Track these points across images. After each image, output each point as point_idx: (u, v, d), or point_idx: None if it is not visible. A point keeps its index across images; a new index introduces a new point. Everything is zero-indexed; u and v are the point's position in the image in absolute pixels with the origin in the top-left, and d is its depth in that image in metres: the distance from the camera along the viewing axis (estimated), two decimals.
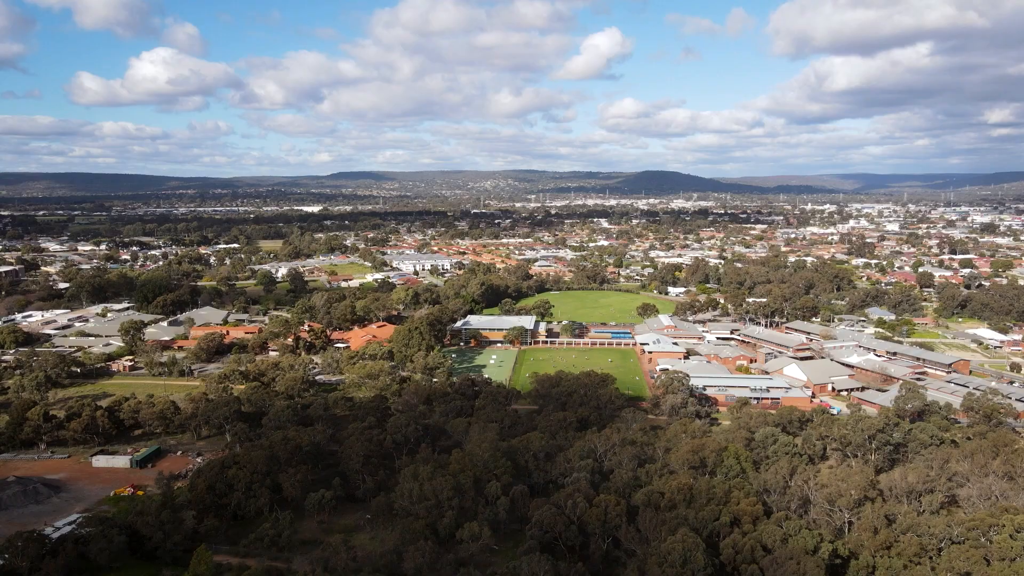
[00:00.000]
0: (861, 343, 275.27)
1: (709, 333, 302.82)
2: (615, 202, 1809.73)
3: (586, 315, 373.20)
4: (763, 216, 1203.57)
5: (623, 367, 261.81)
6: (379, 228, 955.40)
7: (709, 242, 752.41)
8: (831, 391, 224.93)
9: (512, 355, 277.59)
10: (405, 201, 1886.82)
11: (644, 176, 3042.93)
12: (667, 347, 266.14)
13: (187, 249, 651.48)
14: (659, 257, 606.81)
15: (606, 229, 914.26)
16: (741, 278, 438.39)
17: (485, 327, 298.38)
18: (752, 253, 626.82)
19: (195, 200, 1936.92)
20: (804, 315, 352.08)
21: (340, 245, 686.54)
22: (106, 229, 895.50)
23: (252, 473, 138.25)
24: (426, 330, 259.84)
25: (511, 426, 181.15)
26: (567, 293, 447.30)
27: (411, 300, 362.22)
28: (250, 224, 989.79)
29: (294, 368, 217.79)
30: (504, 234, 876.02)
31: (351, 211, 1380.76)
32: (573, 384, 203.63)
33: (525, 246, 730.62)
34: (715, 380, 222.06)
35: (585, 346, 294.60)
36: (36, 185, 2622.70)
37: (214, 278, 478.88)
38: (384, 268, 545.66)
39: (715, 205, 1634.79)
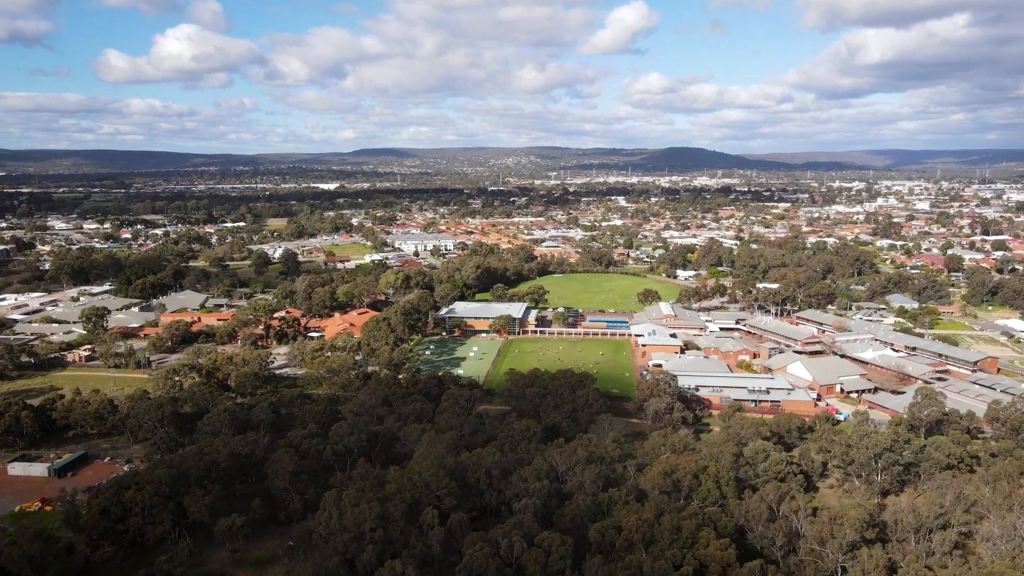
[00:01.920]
0: (877, 336, 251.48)
1: (712, 323, 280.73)
2: (636, 180, 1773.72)
3: (586, 301, 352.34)
4: (787, 194, 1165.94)
5: (614, 361, 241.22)
6: (391, 206, 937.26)
7: (728, 221, 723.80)
8: (839, 393, 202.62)
9: (496, 346, 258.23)
10: (425, 178, 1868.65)
11: (669, 153, 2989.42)
12: (663, 339, 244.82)
13: (186, 228, 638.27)
14: (673, 238, 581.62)
15: (622, 208, 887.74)
16: (755, 261, 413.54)
17: (471, 315, 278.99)
18: (771, 234, 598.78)
19: (215, 177, 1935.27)
20: (819, 302, 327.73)
21: (346, 224, 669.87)
22: (114, 207, 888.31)
23: (153, 495, 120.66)
24: (399, 320, 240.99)
25: (472, 433, 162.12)
26: (571, 276, 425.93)
27: (401, 284, 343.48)
28: (262, 202, 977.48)
29: (247, 363, 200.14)
30: (517, 212, 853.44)
31: (367, 189, 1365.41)
32: (548, 384, 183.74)
33: (536, 225, 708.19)
34: (709, 379, 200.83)
35: (577, 336, 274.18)
36: (63, 162, 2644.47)
37: (209, 259, 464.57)
38: (384, 248, 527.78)
39: (739, 183, 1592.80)
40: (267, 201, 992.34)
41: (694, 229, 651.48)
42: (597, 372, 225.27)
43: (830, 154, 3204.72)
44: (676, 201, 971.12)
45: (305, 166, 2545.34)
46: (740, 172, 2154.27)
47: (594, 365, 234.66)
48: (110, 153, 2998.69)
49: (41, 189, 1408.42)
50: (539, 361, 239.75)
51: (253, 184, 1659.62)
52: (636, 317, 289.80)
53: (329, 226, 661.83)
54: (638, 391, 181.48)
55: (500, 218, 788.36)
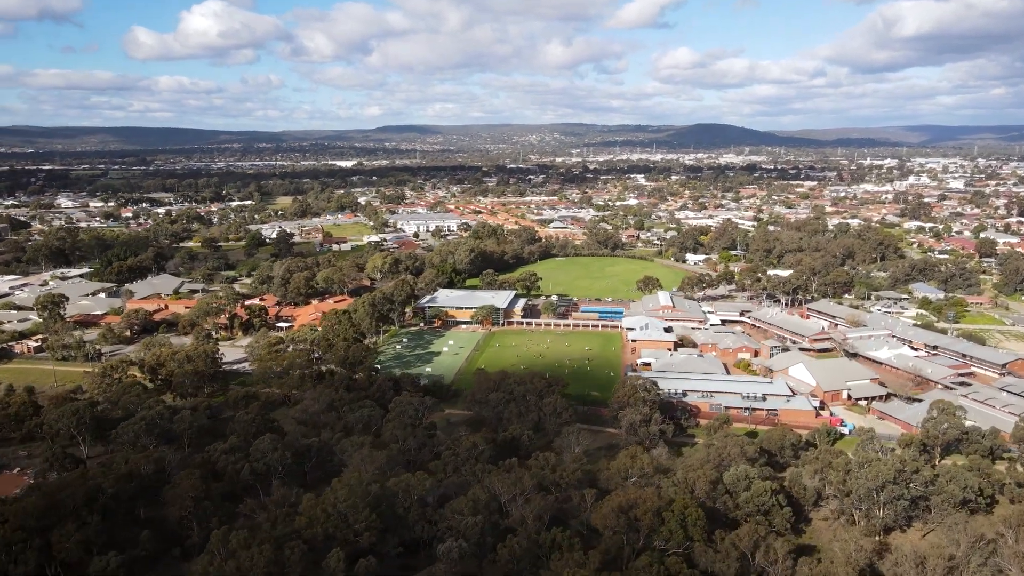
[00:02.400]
0: (895, 332, 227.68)
1: (715, 314, 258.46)
2: (660, 157, 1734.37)
3: (585, 287, 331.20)
4: (815, 172, 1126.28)
5: (601, 357, 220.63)
6: (404, 184, 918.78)
7: (748, 201, 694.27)
8: (846, 400, 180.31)
9: (476, 340, 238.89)
10: (446, 156, 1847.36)
11: (696, 129, 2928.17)
12: (655, 334, 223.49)
13: (187, 207, 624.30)
14: (688, 219, 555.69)
15: (640, 186, 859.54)
16: (770, 245, 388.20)
17: (453, 305, 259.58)
18: (792, 214, 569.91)
19: (236, 154, 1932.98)
20: (835, 291, 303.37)
21: (352, 203, 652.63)
22: (127, 185, 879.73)
23: (16, 529, 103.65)
24: (365, 312, 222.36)
25: (419, 448, 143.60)
26: (573, 260, 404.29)
27: (389, 269, 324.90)
28: (275, 179, 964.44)
29: (191, 359, 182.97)
30: (532, 191, 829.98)
31: (383, 166, 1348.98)
32: (514, 389, 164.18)
33: (548, 205, 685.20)
34: (699, 383, 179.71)
35: (566, 328, 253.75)
36: (91, 139, 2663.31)
37: (202, 239, 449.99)
38: (386, 229, 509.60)
39: (766, 160, 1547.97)
40: (280, 179, 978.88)
41: (712, 209, 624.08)
42: (580, 371, 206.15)
43: (863, 130, 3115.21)
44: (697, 179, 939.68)
45: (328, 143, 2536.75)
46: (768, 149, 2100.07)
47: (578, 362, 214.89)
48: (139, 130, 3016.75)
49: (63, 166, 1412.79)
50: (518, 357, 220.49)
51: (273, 161, 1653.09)
52: (632, 307, 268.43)
53: (334, 205, 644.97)
54: (614, 398, 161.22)
55: (513, 197, 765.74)
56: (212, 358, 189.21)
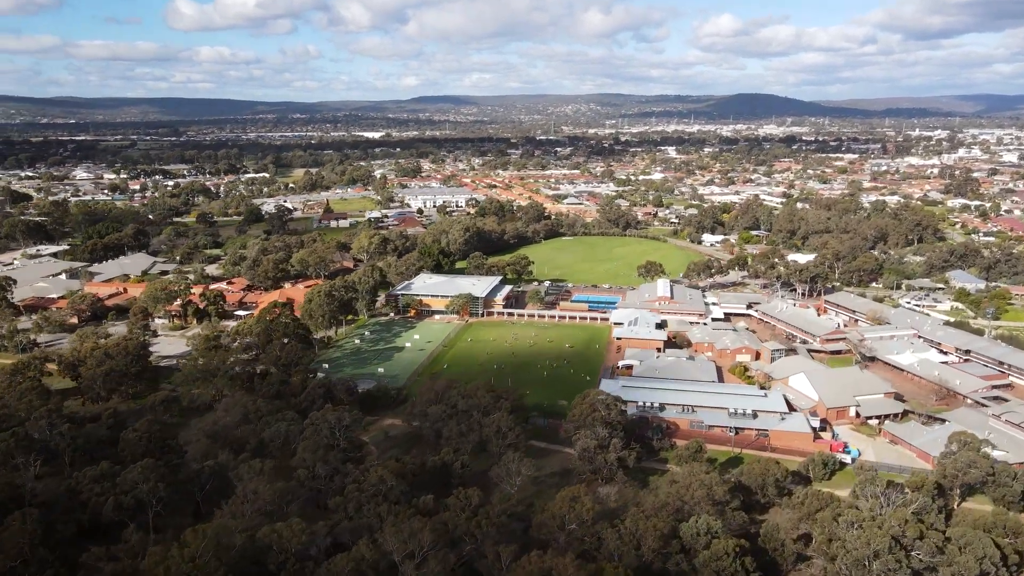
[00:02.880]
0: (922, 332, 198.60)
1: (719, 306, 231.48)
2: (697, 128, 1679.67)
3: (586, 271, 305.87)
4: (858, 144, 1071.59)
5: (582, 357, 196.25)
6: (426, 156, 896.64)
7: (781, 175, 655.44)
8: (854, 418, 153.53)
9: (447, 332, 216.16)
10: (478, 127, 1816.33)
11: (737, 99, 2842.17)
12: (643, 331, 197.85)
13: (195, 180, 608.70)
14: (712, 194, 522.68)
15: (669, 159, 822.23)
16: (794, 225, 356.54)
17: (428, 292, 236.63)
18: (826, 190, 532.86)
19: (268, 125, 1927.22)
20: (860, 279, 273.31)
21: (364, 176, 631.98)
22: (143, 156, 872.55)
23: None
24: (320, 302, 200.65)
25: (329, 476, 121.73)
26: (580, 240, 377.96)
27: (376, 249, 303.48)
28: (295, 151, 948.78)
29: (112, 356, 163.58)
30: (556, 164, 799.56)
31: (410, 138, 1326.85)
32: (458, 402, 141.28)
33: (568, 179, 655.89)
34: (680, 394, 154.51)
35: (551, 321, 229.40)
36: (132, 110, 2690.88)
37: (197, 214, 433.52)
38: (391, 204, 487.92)
39: (808, 131, 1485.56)
40: (303, 150, 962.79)
41: (740, 184, 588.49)
42: (556, 373, 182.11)
43: (914, 100, 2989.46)
44: (730, 152, 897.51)
45: (361, 114, 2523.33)
46: (812, 120, 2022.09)
47: (558, 361, 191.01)
48: (179, 101, 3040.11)
49: (96, 137, 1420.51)
50: (489, 355, 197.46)
51: (303, 132, 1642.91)
52: (628, 297, 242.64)
53: (345, 179, 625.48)
54: (570, 416, 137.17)
55: (534, 170, 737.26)
56: (138, 354, 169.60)
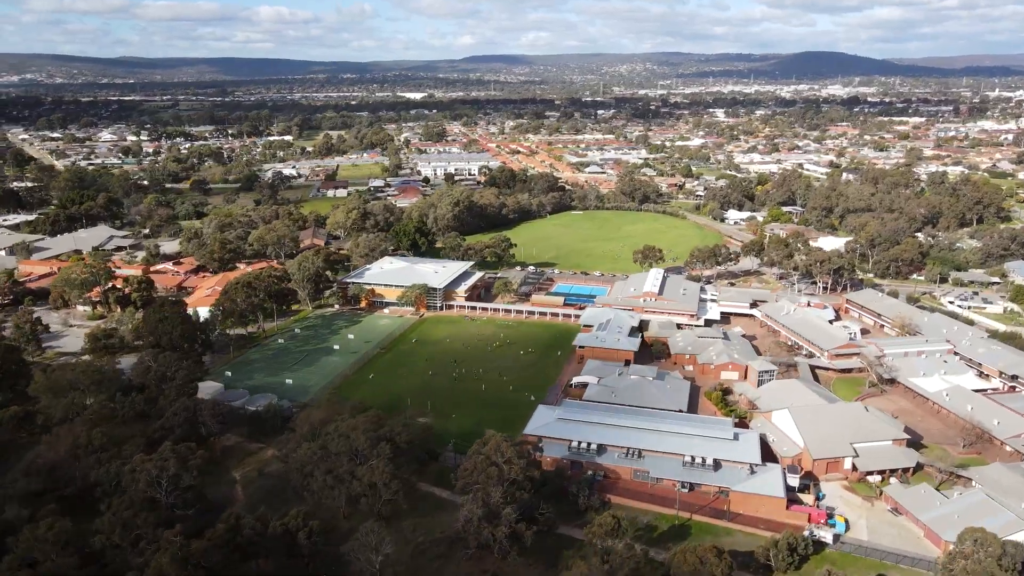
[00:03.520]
0: (959, 347, 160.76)
1: (718, 303, 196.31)
2: (754, 89, 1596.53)
3: (584, 253, 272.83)
4: (928, 106, 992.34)
5: (535, 367, 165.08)
6: (460, 119, 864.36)
7: (835, 141, 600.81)
8: (848, 471, 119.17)
9: (392, 330, 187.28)
10: (525, 88, 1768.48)
11: (803, 58, 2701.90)
12: (611, 338, 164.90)
13: (199, 144, 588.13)
14: (751, 163, 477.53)
15: (715, 123, 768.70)
16: (832, 202, 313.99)
17: (383, 281, 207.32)
18: (880, 159, 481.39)
19: (315, 86, 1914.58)
20: (899, 270, 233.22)
21: (383, 140, 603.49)
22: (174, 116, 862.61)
23: None
24: (238, 294, 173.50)
25: (134, 545, 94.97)
26: (592, 214, 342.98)
27: (354, 225, 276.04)
28: (327, 112, 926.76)
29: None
30: (593, 127, 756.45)
31: (453, 98, 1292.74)
32: (331, 442, 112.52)
33: (601, 144, 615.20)
34: (625, 432, 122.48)
35: (518, 317, 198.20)
36: (189, 70, 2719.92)
37: (192, 181, 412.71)
38: (400, 172, 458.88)
39: (875, 92, 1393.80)
40: (335, 111, 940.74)
41: (784, 152, 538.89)
42: (494, 390, 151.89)
43: (997, 57, 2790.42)
44: (784, 115, 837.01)
45: (411, 74, 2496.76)
46: (881, 79, 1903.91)
47: (504, 373, 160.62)
48: (236, 61, 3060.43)
49: (143, 97, 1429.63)
50: (428, 362, 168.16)
51: (348, 93, 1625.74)
52: (615, 289, 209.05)
53: (366, 143, 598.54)
54: (460, 471, 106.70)
55: (567, 134, 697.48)
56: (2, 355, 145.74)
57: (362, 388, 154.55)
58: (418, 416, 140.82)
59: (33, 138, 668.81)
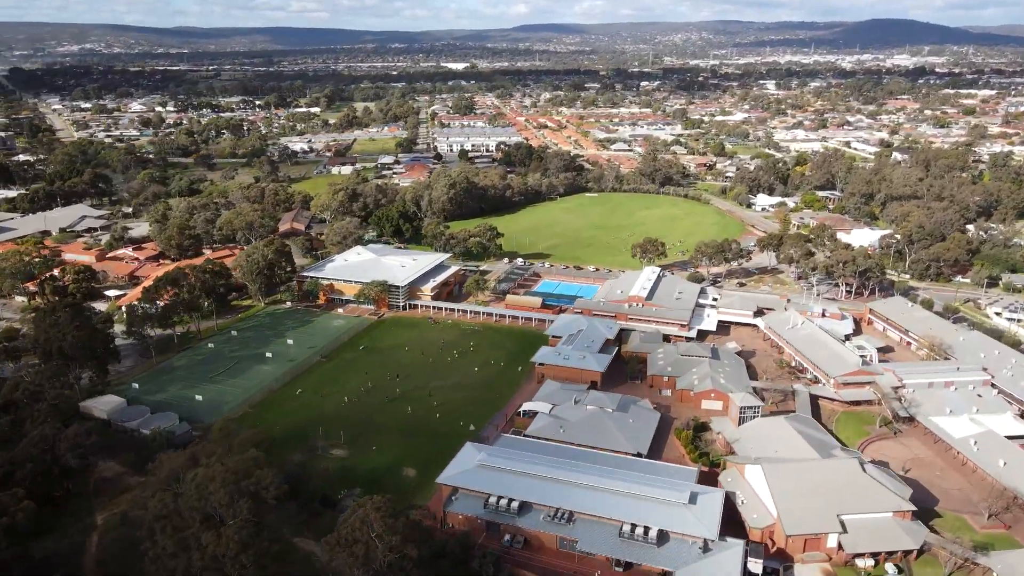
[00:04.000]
0: (997, 379, 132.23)
1: (717, 310, 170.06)
2: (813, 59, 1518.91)
3: (589, 242, 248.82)
4: (1001, 78, 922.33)
5: (491, 386, 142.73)
6: (496, 89, 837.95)
7: (891, 117, 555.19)
8: (833, 550, 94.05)
9: (341, 333, 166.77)
10: (573, 58, 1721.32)
11: (870, 26, 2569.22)
12: (575, 355, 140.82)
13: (214, 116, 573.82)
14: (794, 140, 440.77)
15: (764, 96, 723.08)
16: (873, 187, 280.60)
17: (341, 276, 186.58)
18: (939, 137, 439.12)
19: (361, 56, 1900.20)
20: (941, 271, 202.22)
21: (407, 113, 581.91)
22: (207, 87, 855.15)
23: None
24: (160, 292, 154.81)
25: None
26: (607, 197, 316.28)
27: (340, 207, 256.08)
28: (363, 82, 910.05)
29: None
30: (632, 100, 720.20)
31: (496, 68, 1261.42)
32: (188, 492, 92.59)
33: (637, 118, 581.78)
34: (556, 489, 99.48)
35: (487, 320, 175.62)
36: (243, 40, 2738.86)
37: (199, 155, 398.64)
38: (414, 148, 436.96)
39: (944, 62, 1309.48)
40: (371, 81, 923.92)
41: (833, 128, 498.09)
42: (421, 418, 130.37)
43: None
44: (840, 87, 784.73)
45: (460, 43, 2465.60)
46: (953, 49, 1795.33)
47: (444, 398, 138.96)
48: (290, 31, 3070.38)
49: (190, 67, 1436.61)
50: (368, 375, 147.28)
51: (393, 63, 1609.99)
52: (603, 289, 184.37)
53: (388, 116, 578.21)
54: (323, 546, 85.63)
55: (604, 107, 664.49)
56: None
57: (282, 408, 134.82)
58: (332, 448, 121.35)
59: (65, 108, 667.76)
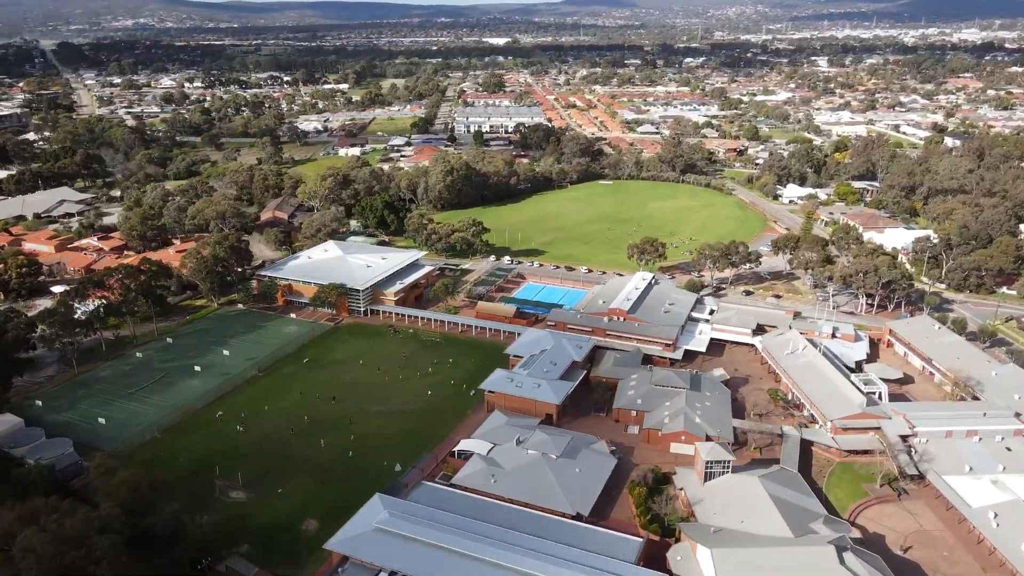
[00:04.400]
0: None
1: (712, 325, 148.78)
2: (872, 34, 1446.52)
3: (590, 236, 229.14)
4: None
5: (437, 414, 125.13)
6: (533, 66, 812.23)
7: (950, 98, 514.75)
8: None
9: (287, 343, 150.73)
10: (619, 33, 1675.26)
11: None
12: (527, 384, 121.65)
13: (234, 94, 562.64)
14: (838, 123, 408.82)
15: (813, 74, 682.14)
16: (915, 179, 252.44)
17: (300, 276, 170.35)
18: (1000, 120, 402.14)
19: (405, 30, 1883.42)
20: (983, 283, 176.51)
21: (431, 91, 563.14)
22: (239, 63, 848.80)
23: None
24: (79, 294, 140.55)
25: None
26: (621, 185, 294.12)
27: (329, 194, 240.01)
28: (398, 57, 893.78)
29: None
30: (673, 78, 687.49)
31: (537, 44, 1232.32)
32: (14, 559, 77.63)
33: (674, 97, 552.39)
34: (456, 564, 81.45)
35: (451, 330, 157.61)
36: (291, 14, 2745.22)
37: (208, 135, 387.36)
38: (431, 128, 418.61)
39: (1017, 37, 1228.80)
40: (406, 57, 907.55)
41: (883, 110, 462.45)
42: (338, 455, 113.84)
43: None
44: (896, 64, 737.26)
45: (506, 18, 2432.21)
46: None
47: (376, 429, 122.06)
48: (338, 5, 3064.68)
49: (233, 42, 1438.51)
50: (303, 396, 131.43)
51: (436, 38, 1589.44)
52: (586, 298, 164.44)
53: (410, 94, 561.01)
54: None
55: (641, 85, 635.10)
56: None
57: (195, 434, 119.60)
58: (232, 490, 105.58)
59: (96, 84, 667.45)
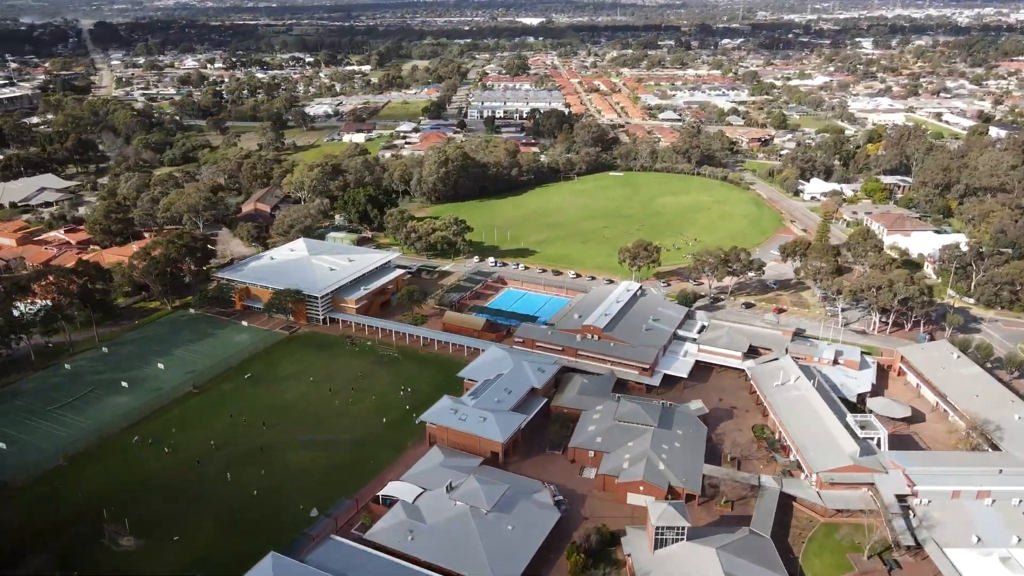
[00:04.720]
0: None
1: (699, 347, 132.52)
2: (927, 13, 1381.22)
3: (588, 235, 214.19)
4: None
5: (377, 445, 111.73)
6: (561, 48, 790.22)
7: (1002, 83, 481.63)
8: None
9: (232, 354, 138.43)
10: (659, 12, 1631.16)
11: None
12: (472, 417, 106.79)
13: (249, 75, 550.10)
14: (875, 110, 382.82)
15: (855, 56, 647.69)
16: (951, 176, 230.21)
17: (258, 279, 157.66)
18: None
19: (438, 9, 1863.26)
20: (1016, 298, 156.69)
21: (452, 73, 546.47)
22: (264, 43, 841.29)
23: None
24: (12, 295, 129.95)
25: None
26: (631, 177, 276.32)
27: (315, 185, 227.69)
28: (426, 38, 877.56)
29: None
30: (707, 60, 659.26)
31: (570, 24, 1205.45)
32: None
33: (704, 80, 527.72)
34: None
35: (413, 344, 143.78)
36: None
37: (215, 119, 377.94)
38: (443, 113, 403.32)
39: None
40: (434, 37, 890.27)
41: (926, 96, 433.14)
42: (248, 494, 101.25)
43: None
44: (947, 47, 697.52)
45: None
46: None
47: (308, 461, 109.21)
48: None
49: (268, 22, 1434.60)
50: (234, 418, 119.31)
51: (470, 18, 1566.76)
52: (567, 307, 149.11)
53: (429, 76, 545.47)
54: None
55: (672, 68, 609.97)
56: None
57: (105, 464, 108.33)
58: (122, 537, 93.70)
59: (123, 65, 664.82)
